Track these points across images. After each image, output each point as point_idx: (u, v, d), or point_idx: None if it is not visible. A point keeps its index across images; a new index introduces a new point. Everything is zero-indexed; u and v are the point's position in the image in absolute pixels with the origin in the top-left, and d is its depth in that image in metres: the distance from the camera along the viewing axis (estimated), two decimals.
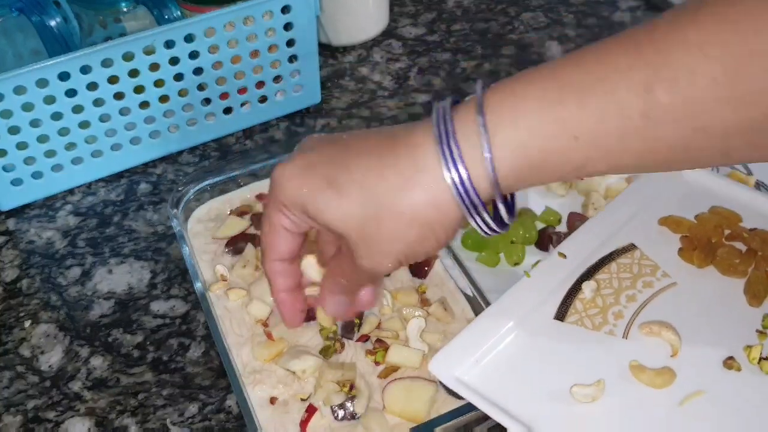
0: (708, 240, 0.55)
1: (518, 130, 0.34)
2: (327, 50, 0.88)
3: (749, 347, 0.49)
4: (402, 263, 0.39)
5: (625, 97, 0.32)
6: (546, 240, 0.64)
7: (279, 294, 0.45)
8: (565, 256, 0.53)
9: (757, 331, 0.50)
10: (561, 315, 0.50)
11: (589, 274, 0.53)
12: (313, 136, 0.42)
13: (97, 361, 0.58)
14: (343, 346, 0.56)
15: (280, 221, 0.41)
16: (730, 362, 0.48)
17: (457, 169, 0.35)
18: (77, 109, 0.67)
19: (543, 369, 0.48)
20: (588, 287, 0.52)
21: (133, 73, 0.67)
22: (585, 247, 0.54)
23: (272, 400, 0.53)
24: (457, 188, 0.35)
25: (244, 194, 0.68)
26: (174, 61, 0.69)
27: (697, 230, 0.56)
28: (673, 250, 0.55)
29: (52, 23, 0.68)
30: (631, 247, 0.55)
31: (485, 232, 0.38)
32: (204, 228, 0.65)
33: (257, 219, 0.65)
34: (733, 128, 0.31)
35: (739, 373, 0.47)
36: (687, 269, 0.54)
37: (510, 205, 0.38)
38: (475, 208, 0.36)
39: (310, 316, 0.57)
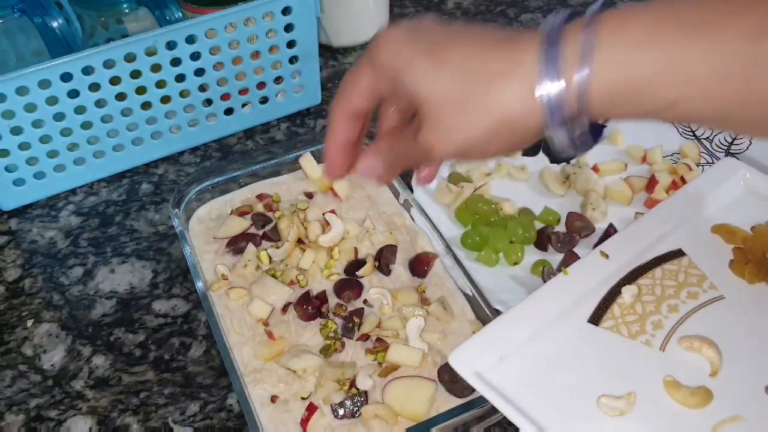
0: (763, 254, 0.51)
1: (621, 54, 0.34)
2: (327, 51, 0.88)
3: None
4: (462, 152, 0.38)
5: (734, 38, 0.32)
6: (545, 240, 0.64)
7: (333, 143, 0.44)
8: (607, 256, 0.50)
9: None
10: (596, 318, 0.47)
11: (631, 277, 0.49)
12: (427, 15, 0.42)
13: (99, 360, 0.59)
14: (343, 345, 0.56)
15: (365, 78, 0.41)
16: None
17: (552, 76, 0.34)
18: (79, 109, 0.67)
19: (571, 374, 0.44)
20: (628, 292, 0.48)
21: (135, 74, 0.68)
22: (630, 248, 0.50)
23: (273, 399, 0.53)
24: (549, 98, 0.35)
25: (245, 194, 0.69)
26: (175, 62, 0.69)
27: (753, 243, 0.51)
28: (724, 261, 0.51)
29: (55, 24, 0.68)
30: (679, 253, 0.51)
31: (559, 151, 0.37)
32: (205, 228, 0.66)
33: (258, 219, 0.66)
34: None
35: None
36: (737, 283, 0.50)
37: (597, 129, 0.37)
38: (560, 120, 0.35)
39: (311, 316, 0.58)
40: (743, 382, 0.45)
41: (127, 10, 0.74)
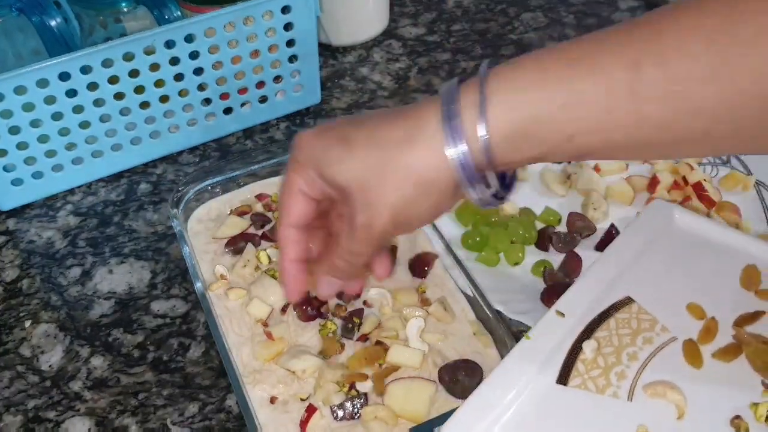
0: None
1: (513, 102, 0.35)
2: (327, 50, 0.88)
3: (755, 405, 0.47)
4: (397, 226, 0.40)
5: (614, 71, 0.33)
6: (546, 240, 0.64)
7: (286, 262, 0.45)
8: (563, 315, 0.52)
9: (763, 383, 0.49)
10: (563, 378, 0.49)
11: (588, 332, 0.51)
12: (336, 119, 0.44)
13: (97, 361, 0.58)
14: (343, 346, 0.56)
15: (295, 182, 0.43)
16: (737, 422, 0.47)
17: (455, 141, 0.36)
18: (78, 109, 0.67)
19: None
20: (588, 347, 0.50)
21: (134, 73, 0.68)
22: (581, 303, 0.53)
23: (272, 400, 0.53)
24: (457, 156, 0.36)
25: (244, 194, 0.68)
26: (174, 61, 0.69)
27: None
28: (669, 300, 0.54)
29: (53, 23, 0.68)
30: (628, 301, 0.54)
31: (481, 204, 0.39)
32: (204, 228, 0.65)
33: (257, 219, 0.65)
34: (716, 111, 0.32)
35: None
36: (685, 321, 0.53)
37: (508, 182, 0.40)
38: (471, 178, 0.37)
39: (311, 316, 0.58)
40: (709, 420, 0.47)
41: (125, 9, 0.74)
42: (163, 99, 0.71)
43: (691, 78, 0.32)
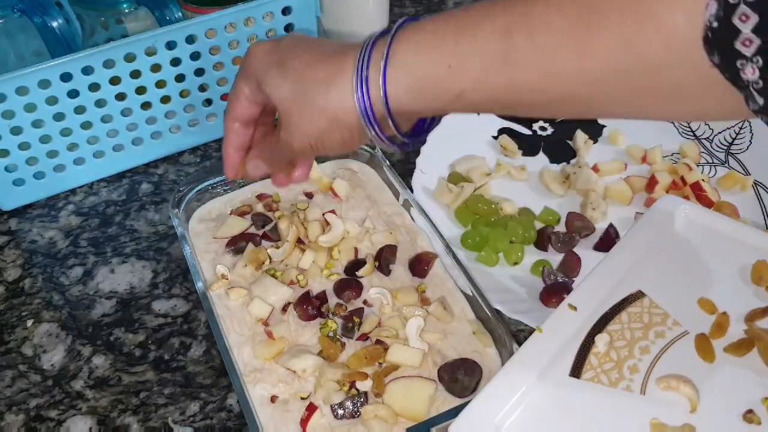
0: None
1: (407, 55, 0.40)
2: None
3: (767, 399, 0.48)
4: (312, 148, 0.45)
5: (489, 37, 0.38)
6: (545, 240, 0.64)
7: (227, 148, 0.51)
8: (575, 309, 0.52)
9: None
10: (576, 371, 0.49)
11: (600, 326, 0.52)
12: (295, 33, 0.48)
13: (98, 360, 0.59)
14: (343, 345, 0.56)
15: (241, 88, 0.48)
16: (749, 416, 0.47)
17: (361, 83, 0.41)
18: (79, 109, 0.67)
19: (563, 431, 0.47)
20: (601, 340, 0.51)
21: (135, 74, 0.68)
22: (594, 296, 0.53)
23: (273, 399, 0.53)
24: (359, 99, 0.41)
25: (245, 194, 0.69)
26: (175, 62, 0.69)
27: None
28: (680, 294, 0.54)
29: (54, 24, 0.68)
30: (639, 295, 0.54)
31: (386, 148, 0.45)
32: (205, 228, 0.66)
33: (258, 219, 0.66)
34: (578, 77, 0.36)
35: (760, 426, 0.46)
36: (697, 316, 0.53)
37: (419, 129, 0.45)
38: (370, 119, 0.42)
39: (311, 316, 0.58)
40: (722, 413, 0.47)
41: (127, 10, 0.74)
42: (165, 100, 0.71)
43: (555, 47, 0.36)
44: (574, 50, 0.36)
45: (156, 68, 0.68)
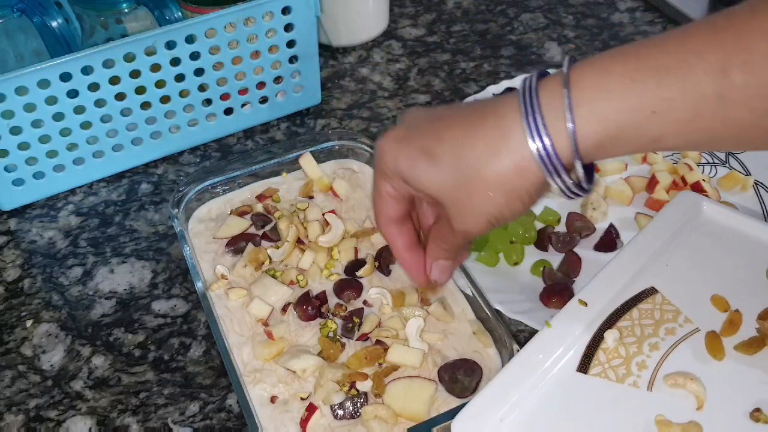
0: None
1: (600, 103, 0.36)
2: (327, 51, 0.88)
3: None
4: (493, 225, 0.41)
5: (701, 78, 0.34)
6: (545, 240, 0.64)
7: (400, 254, 0.48)
8: (586, 304, 0.52)
9: None
10: (584, 367, 0.49)
11: (610, 321, 0.51)
12: (411, 109, 0.45)
13: (98, 361, 0.59)
14: (343, 345, 0.56)
15: (384, 188, 0.45)
16: (757, 414, 0.46)
17: (541, 139, 0.37)
18: (79, 109, 0.67)
19: (569, 426, 0.46)
20: (610, 336, 0.50)
21: (135, 73, 0.68)
22: (605, 293, 0.53)
23: (273, 399, 0.53)
24: (540, 156, 0.37)
25: (245, 194, 0.69)
26: (175, 62, 0.69)
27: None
28: (694, 293, 0.54)
29: (54, 24, 0.68)
30: (652, 291, 0.53)
31: (567, 195, 0.40)
32: (205, 228, 0.66)
33: (258, 219, 0.65)
34: None
35: (767, 425, 0.46)
36: (709, 313, 0.52)
37: (590, 172, 0.40)
38: (557, 173, 0.38)
39: (311, 316, 0.58)
40: (728, 411, 0.47)
41: (126, 10, 0.74)
42: (164, 99, 0.71)
43: None
44: None
45: (155, 68, 0.68)
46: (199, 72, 0.71)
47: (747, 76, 0.33)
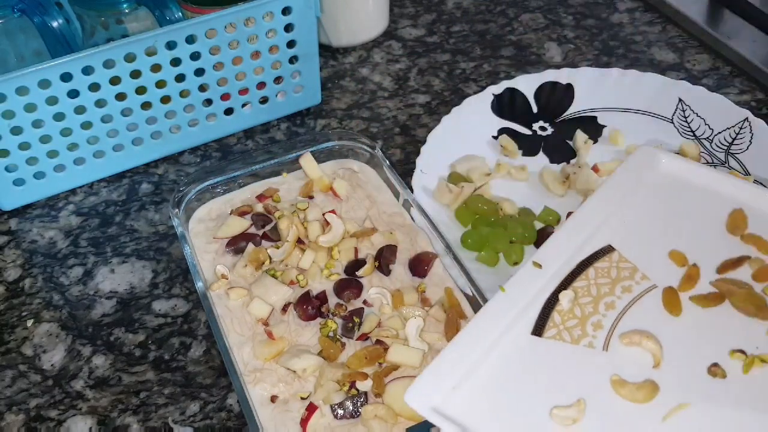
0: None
1: None
2: (327, 51, 0.89)
3: (735, 352, 0.46)
4: None
5: None
6: (545, 239, 0.64)
7: None
8: (540, 266, 0.50)
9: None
10: (539, 330, 0.48)
11: (566, 282, 0.50)
12: None
13: (99, 360, 0.59)
14: (343, 345, 0.56)
15: None
16: (714, 369, 0.45)
17: None
18: (79, 109, 0.67)
19: (522, 391, 0.45)
20: (565, 297, 0.49)
21: (135, 74, 0.68)
22: (561, 253, 0.51)
23: (273, 399, 0.53)
24: None
25: (245, 194, 0.69)
26: (175, 62, 0.69)
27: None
28: (651, 250, 0.52)
29: (54, 24, 0.68)
30: (608, 249, 0.52)
31: None
32: (205, 228, 0.66)
33: (258, 219, 0.66)
34: None
35: (724, 380, 0.45)
36: (666, 269, 0.51)
37: None
38: None
39: (311, 316, 0.58)
40: (686, 367, 0.46)
41: (127, 10, 0.74)
42: (165, 100, 0.71)
43: None
44: None
45: (156, 68, 0.68)
46: (199, 72, 0.71)
47: None
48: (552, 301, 0.49)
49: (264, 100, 0.78)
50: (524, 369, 0.46)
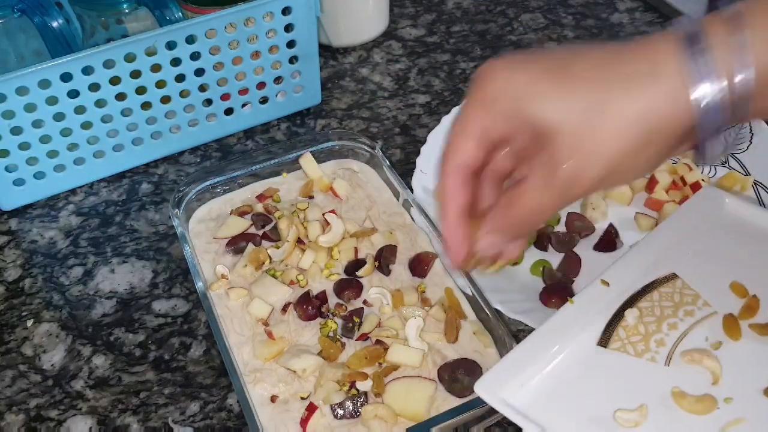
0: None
1: None
2: (327, 51, 0.88)
3: None
4: (605, 179, 0.35)
5: None
6: (545, 240, 0.64)
7: (449, 217, 0.40)
8: (608, 284, 0.53)
9: None
10: (604, 341, 0.50)
11: (631, 301, 0.53)
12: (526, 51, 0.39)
13: (99, 360, 0.59)
14: (343, 345, 0.56)
15: (475, 120, 0.37)
16: None
17: (705, 81, 0.32)
18: (79, 109, 0.67)
19: (587, 394, 0.48)
20: (631, 314, 0.52)
21: (135, 74, 0.68)
22: (627, 275, 0.54)
23: (273, 399, 0.53)
24: (707, 101, 0.32)
25: (245, 194, 0.69)
26: (175, 62, 0.69)
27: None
28: (714, 278, 0.55)
29: (55, 24, 0.68)
30: (672, 277, 0.55)
31: (705, 162, 0.36)
32: (205, 228, 0.66)
33: (258, 219, 0.66)
34: None
35: None
36: (727, 298, 0.54)
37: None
38: (715, 126, 0.33)
39: (311, 316, 0.58)
40: (743, 387, 0.48)
41: (127, 10, 0.74)
42: (165, 100, 0.71)
43: None
44: None
45: (156, 68, 0.68)
46: (199, 72, 0.71)
47: None
48: (617, 317, 0.52)
49: (264, 100, 0.78)
50: (589, 374, 0.49)
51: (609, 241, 0.64)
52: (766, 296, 0.54)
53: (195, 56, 0.70)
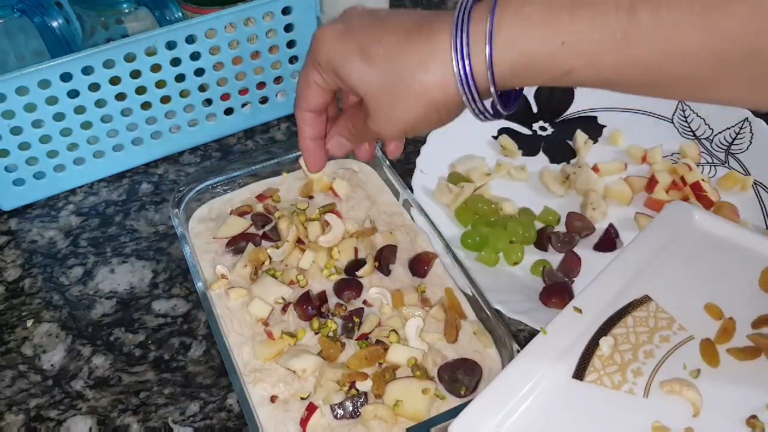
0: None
1: (517, 30, 0.38)
2: None
3: None
4: (405, 133, 0.44)
5: (611, 14, 0.36)
6: (545, 240, 0.64)
7: (305, 141, 0.51)
8: (580, 311, 0.52)
9: None
10: (579, 373, 0.49)
11: (605, 329, 0.52)
12: (356, 7, 0.47)
13: (98, 360, 0.59)
14: (343, 345, 0.56)
15: (313, 77, 0.47)
16: (753, 422, 0.47)
17: (462, 61, 0.39)
18: (79, 109, 0.67)
19: (564, 431, 0.47)
20: (605, 343, 0.51)
21: (135, 74, 0.68)
22: (599, 300, 0.53)
23: (273, 399, 0.53)
24: (460, 77, 0.40)
25: (245, 194, 0.69)
26: (175, 62, 0.69)
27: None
28: (687, 299, 0.54)
29: (54, 24, 0.68)
30: (646, 299, 0.54)
31: (480, 118, 0.43)
32: (205, 228, 0.66)
33: (258, 219, 0.66)
34: (701, 55, 0.35)
35: None
36: (702, 321, 0.53)
37: (510, 98, 0.43)
38: (472, 96, 0.40)
39: (311, 316, 0.58)
40: (724, 418, 0.47)
41: (127, 10, 0.74)
42: (165, 100, 0.71)
43: (681, 25, 0.34)
44: (701, 28, 0.34)
45: (156, 68, 0.68)
46: (199, 72, 0.71)
47: (651, 15, 0.35)
48: (592, 347, 0.51)
49: (264, 100, 0.78)
50: (566, 410, 0.48)
51: (609, 241, 0.64)
52: (741, 317, 0.53)
53: (195, 56, 0.70)
